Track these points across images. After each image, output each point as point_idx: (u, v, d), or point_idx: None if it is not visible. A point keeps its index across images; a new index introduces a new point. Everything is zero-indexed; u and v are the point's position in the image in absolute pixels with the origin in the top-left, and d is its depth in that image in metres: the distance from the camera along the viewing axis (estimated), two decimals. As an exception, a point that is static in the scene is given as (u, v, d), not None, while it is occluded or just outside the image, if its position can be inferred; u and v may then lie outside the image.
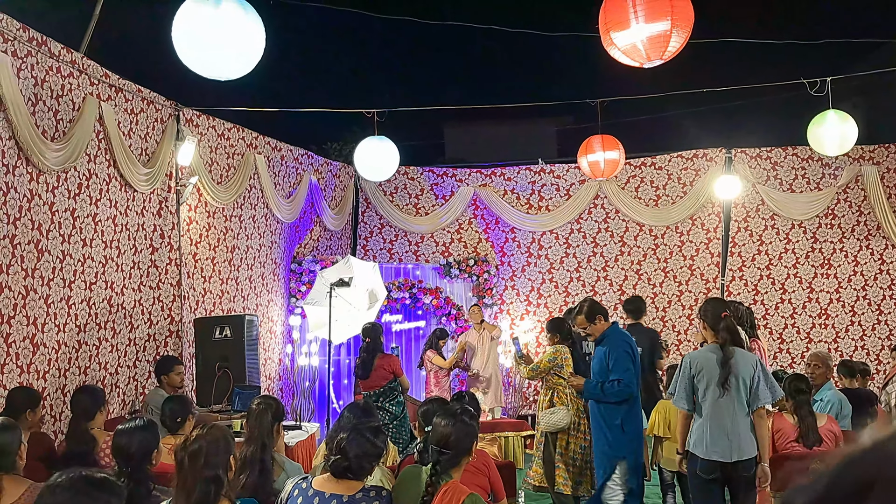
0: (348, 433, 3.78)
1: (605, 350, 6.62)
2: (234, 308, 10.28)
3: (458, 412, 4.20)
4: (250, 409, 4.97)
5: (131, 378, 8.23)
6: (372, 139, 10.72)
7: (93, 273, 7.65)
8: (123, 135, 8.11)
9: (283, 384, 11.51)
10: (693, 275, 13.30)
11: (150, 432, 4.57)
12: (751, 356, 5.46)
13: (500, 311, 13.32)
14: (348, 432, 3.78)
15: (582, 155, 11.16)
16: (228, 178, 10.17)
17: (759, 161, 13.12)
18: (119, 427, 4.56)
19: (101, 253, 7.77)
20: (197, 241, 9.53)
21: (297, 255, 12.20)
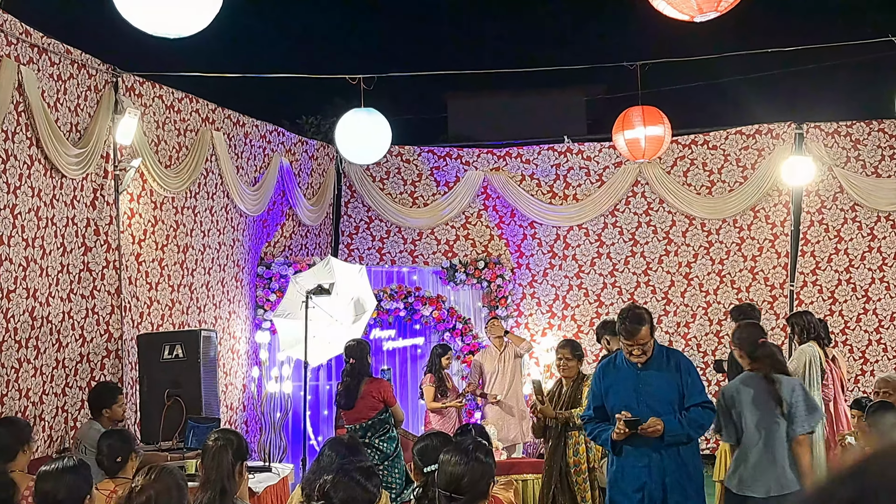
0: (334, 475, 3.77)
1: (671, 370, 6.16)
2: (188, 322, 10.26)
3: (471, 448, 4.20)
4: (206, 446, 4.94)
5: (59, 408, 8.19)
6: (357, 112, 10.68)
7: (10, 278, 7.62)
8: (48, 107, 8.07)
9: (249, 416, 11.47)
10: (755, 279, 13.26)
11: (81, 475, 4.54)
12: (793, 381, 6.43)
13: (516, 324, 13.30)
14: (334, 474, 3.77)
15: (618, 131, 11.13)
16: (179, 161, 10.15)
17: (837, 138, 13.08)
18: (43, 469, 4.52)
19: (20, 253, 7.74)
20: (141, 239, 9.50)
21: (266, 256, 12.18)
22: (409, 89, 20.15)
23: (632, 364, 6.21)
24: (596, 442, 6.64)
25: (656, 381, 6.18)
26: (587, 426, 6.53)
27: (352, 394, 8.88)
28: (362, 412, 8.88)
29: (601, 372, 6.45)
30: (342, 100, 13.47)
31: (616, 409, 6.18)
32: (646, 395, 6.16)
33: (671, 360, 6.25)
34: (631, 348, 6.15)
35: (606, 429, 6.25)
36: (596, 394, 6.42)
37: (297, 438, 11.18)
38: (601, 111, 22.18)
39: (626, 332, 6.13)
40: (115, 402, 7.60)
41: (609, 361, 6.45)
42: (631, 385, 6.22)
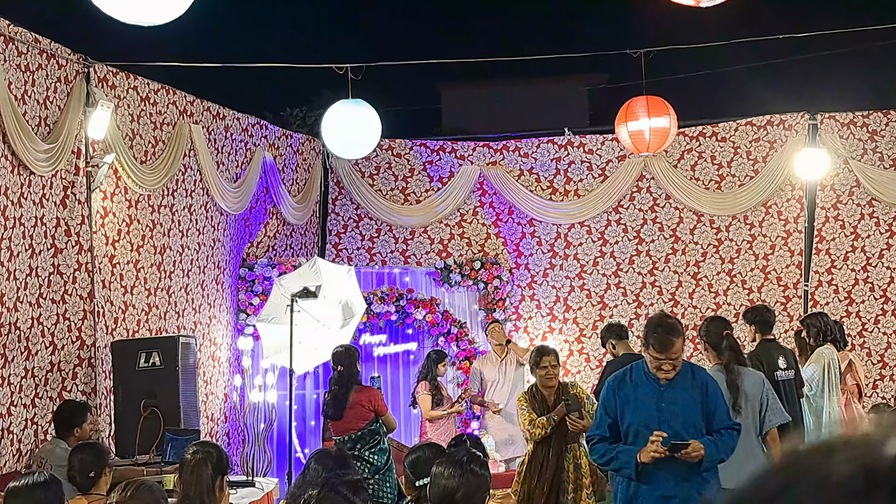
0: (319, 489, 3.77)
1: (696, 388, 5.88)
2: (165, 328, 10.23)
3: (465, 459, 4.23)
4: (184, 459, 4.93)
5: (29, 420, 8.16)
6: (345, 104, 10.67)
7: (-24, 282, 7.58)
8: (15, 99, 8.05)
9: (231, 427, 11.45)
10: (768, 279, 13.26)
11: (52, 491, 4.54)
12: (757, 375, 6.88)
13: (514, 328, 13.28)
14: (319, 488, 3.77)
15: (621, 123, 11.12)
16: (156, 156, 10.13)
17: (853, 129, 13.08)
18: (12, 485, 4.50)
19: (-13, 256, 7.70)
20: (115, 240, 9.48)
21: (248, 257, 12.16)
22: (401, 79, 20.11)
23: (653, 379, 5.84)
24: (606, 466, 6.19)
25: (681, 399, 5.84)
26: (597, 447, 6.04)
27: (340, 403, 8.86)
28: (351, 423, 8.86)
29: (615, 385, 5.99)
30: (329, 90, 13.46)
31: (634, 429, 5.84)
32: (669, 415, 5.80)
33: (696, 376, 5.94)
34: (661, 363, 5.74)
35: (626, 450, 5.82)
36: (609, 410, 5.97)
37: (282, 451, 11.15)
38: (603, 102, 22.17)
39: (659, 345, 5.72)
40: (85, 421, 7.62)
41: (624, 375, 6.03)
42: (652, 403, 5.86)
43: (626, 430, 5.88)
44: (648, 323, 5.91)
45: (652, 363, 5.80)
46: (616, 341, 10.03)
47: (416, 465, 4.96)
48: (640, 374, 5.92)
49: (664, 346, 5.71)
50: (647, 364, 5.86)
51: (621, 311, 13.26)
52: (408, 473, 5.03)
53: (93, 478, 5.88)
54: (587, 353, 13.36)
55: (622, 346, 9.99)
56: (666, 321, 5.88)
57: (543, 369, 7.72)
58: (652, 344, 5.74)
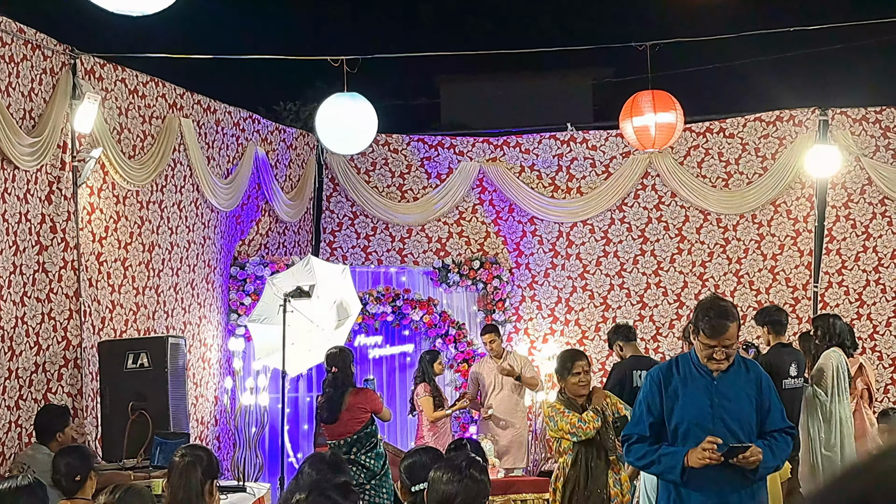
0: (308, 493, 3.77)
1: (750, 383, 5.50)
2: (154, 328, 10.24)
3: (464, 464, 4.24)
4: (172, 462, 4.95)
5: (13, 423, 8.16)
6: (340, 97, 10.67)
7: (-41, 280, 7.58)
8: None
9: (221, 430, 11.45)
10: (776, 280, 13.26)
11: (37, 495, 4.54)
12: None
13: (515, 330, 13.29)
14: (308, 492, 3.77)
15: (626, 118, 11.13)
16: (144, 151, 10.13)
17: (865, 125, 13.09)
18: (-6, 489, 4.50)
19: (-31, 253, 7.71)
20: (102, 237, 9.48)
21: (240, 255, 12.16)
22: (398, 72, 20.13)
23: (704, 371, 5.42)
24: (647, 469, 5.75)
25: (735, 395, 5.44)
26: (635, 447, 5.58)
27: (335, 406, 8.87)
28: (347, 426, 8.87)
29: (659, 379, 5.54)
30: (323, 84, 13.47)
31: (684, 428, 5.42)
32: (723, 412, 5.41)
33: (751, 370, 5.55)
34: (713, 351, 5.31)
35: (671, 452, 5.41)
36: (652, 406, 5.53)
37: (274, 455, 11.16)
38: (607, 96, 22.17)
39: (711, 330, 5.29)
40: (67, 426, 7.63)
41: (670, 367, 5.61)
42: (705, 398, 5.44)
43: (673, 429, 5.47)
44: (699, 306, 5.49)
45: (703, 351, 5.37)
46: (623, 343, 10.05)
47: (413, 470, 4.97)
48: (689, 366, 5.50)
49: (717, 331, 5.29)
50: (695, 354, 5.46)
51: (625, 313, 13.26)
52: (403, 478, 5.04)
53: (78, 482, 5.90)
54: (589, 355, 13.29)
55: (630, 349, 10.00)
56: (719, 304, 5.45)
57: (576, 375, 7.09)
58: (703, 329, 5.33)
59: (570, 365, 7.11)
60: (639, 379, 9.52)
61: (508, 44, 24.28)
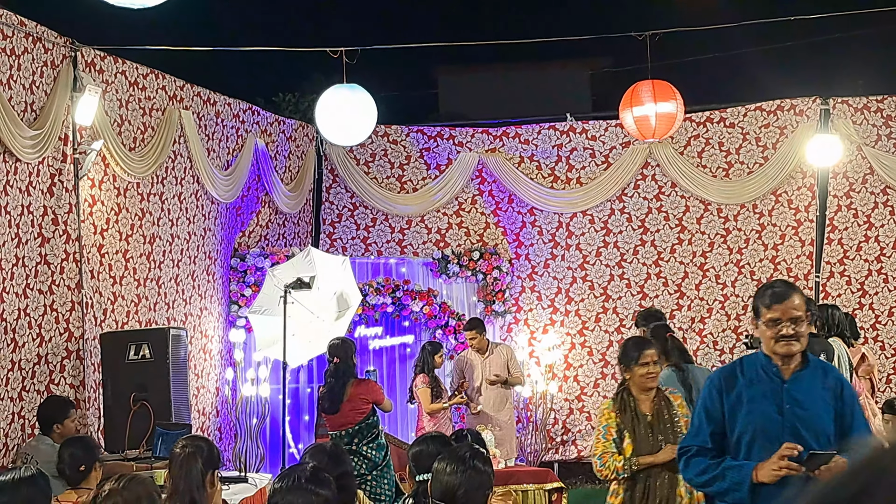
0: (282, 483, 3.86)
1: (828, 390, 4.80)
2: (155, 319, 10.28)
3: (468, 455, 4.25)
4: (173, 453, 4.97)
5: (16, 414, 8.22)
6: (339, 89, 10.70)
7: (-38, 272, 7.65)
8: (1, 84, 8.09)
9: (223, 422, 11.51)
10: (777, 270, 13.27)
11: (39, 486, 4.59)
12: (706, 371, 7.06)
13: (515, 320, 13.33)
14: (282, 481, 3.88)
15: (626, 108, 11.16)
16: (145, 143, 10.17)
17: (867, 114, 13.11)
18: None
19: (-28, 245, 7.77)
20: (103, 229, 9.53)
21: (240, 246, 12.20)
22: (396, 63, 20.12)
23: (773, 374, 4.74)
24: (709, 487, 4.92)
25: (810, 401, 4.74)
26: (694, 461, 4.89)
27: (336, 397, 8.93)
28: (348, 417, 8.93)
29: (720, 383, 4.88)
30: (322, 75, 13.45)
31: (748, 438, 4.75)
32: (794, 420, 4.71)
33: (829, 374, 4.88)
34: (780, 327, 4.63)
35: (737, 466, 4.72)
36: (712, 414, 4.85)
37: (275, 446, 11.21)
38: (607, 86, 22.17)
39: (774, 296, 4.69)
40: (67, 418, 7.68)
41: (732, 369, 4.96)
42: (772, 403, 4.76)
43: (736, 440, 4.79)
44: (759, 289, 4.89)
45: (769, 332, 4.70)
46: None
47: (420, 459, 4.97)
48: (755, 369, 4.83)
49: (780, 297, 4.67)
50: (762, 355, 4.82)
51: (625, 303, 13.31)
52: (411, 467, 5.07)
53: (83, 472, 5.96)
54: (590, 346, 13.41)
55: None
56: (780, 280, 5.13)
57: (643, 366, 6.18)
58: (765, 300, 4.71)
59: (636, 354, 6.21)
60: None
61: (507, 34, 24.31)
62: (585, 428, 13.25)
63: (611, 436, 6.14)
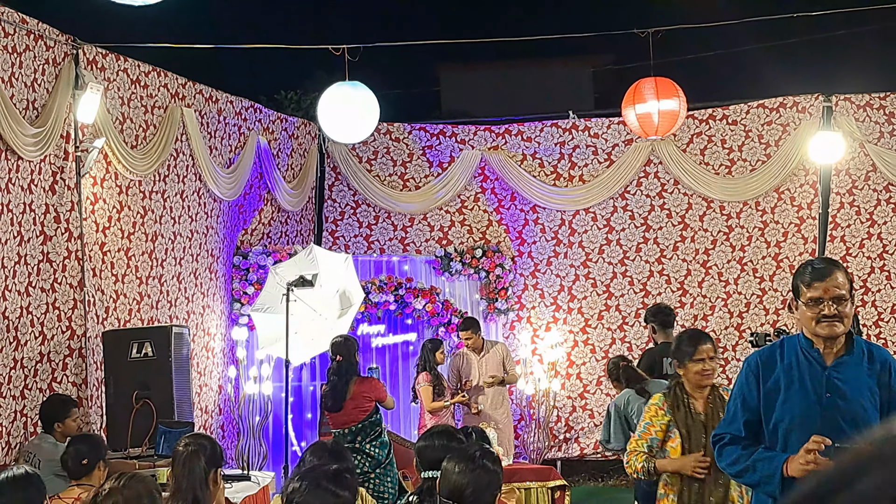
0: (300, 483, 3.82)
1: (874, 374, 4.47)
2: (158, 317, 10.28)
3: (477, 455, 4.26)
4: (176, 451, 4.98)
5: (18, 413, 8.22)
6: (342, 86, 10.70)
7: (-36, 270, 7.64)
8: (2, 82, 8.08)
9: (226, 419, 11.51)
10: (780, 267, 13.29)
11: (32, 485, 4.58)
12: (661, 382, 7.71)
13: (517, 318, 13.33)
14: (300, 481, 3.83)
15: (628, 105, 11.16)
16: (147, 141, 10.16)
17: (869, 111, 13.11)
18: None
19: (-26, 243, 7.77)
20: (105, 227, 9.52)
21: (242, 244, 12.20)
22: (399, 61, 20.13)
23: (814, 358, 4.40)
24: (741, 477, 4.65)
25: (853, 389, 4.40)
26: (727, 450, 4.60)
27: (339, 395, 8.93)
28: (351, 415, 8.93)
29: (757, 367, 4.56)
30: (325, 73, 13.50)
31: (784, 428, 4.46)
32: (835, 411, 4.39)
33: (875, 356, 4.49)
34: (821, 306, 4.29)
35: (768, 457, 4.42)
36: (748, 401, 4.57)
37: (277, 444, 11.21)
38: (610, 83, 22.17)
39: (815, 273, 4.34)
40: (69, 416, 7.69)
41: (771, 351, 4.59)
42: (812, 391, 4.44)
43: (772, 429, 4.51)
44: (799, 267, 4.57)
45: (809, 312, 4.35)
46: (658, 328, 9.91)
47: (426, 454, 4.98)
48: (795, 351, 4.48)
49: (822, 274, 4.32)
50: (803, 337, 4.48)
51: (628, 301, 13.30)
52: (417, 463, 5.06)
53: (86, 465, 5.96)
54: (592, 343, 13.41)
55: (662, 335, 9.84)
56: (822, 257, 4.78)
57: (699, 362, 5.84)
58: (806, 281, 4.35)
59: (691, 349, 5.84)
60: (669, 367, 9.54)
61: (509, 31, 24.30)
62: (588, 425, 13.26)
63: (648, 434, 5.86)
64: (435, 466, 4.71)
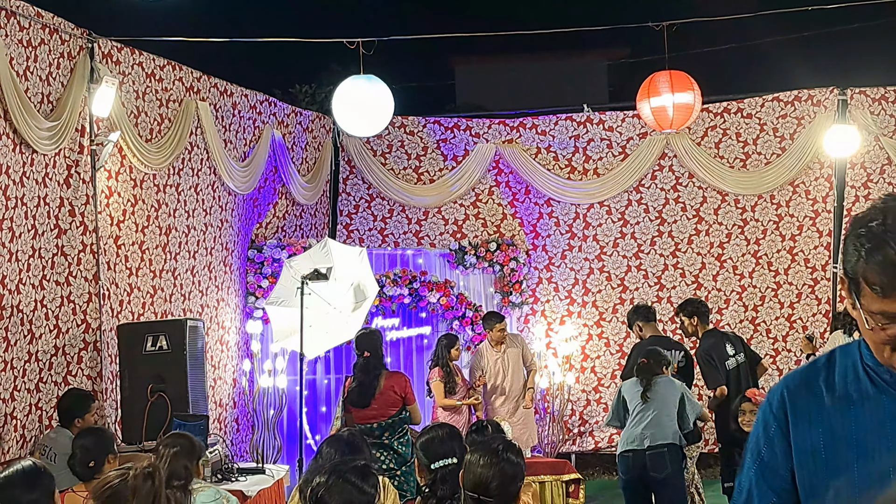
0: (327, 477, 3.79)
1: None
2: (172, 311, 10.28)
3: (501, 448, 4.26)
4: (157, 451, 5.05)
5: (33, 406, 8.21)
6: (356, 80, 10.67)
7: (-21, 264, 7.64)
8: (17, 75, 8.07)
9: (240, 413, 11.51)
10: (795, 261, 13.24)
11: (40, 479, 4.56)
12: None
13: (532, 312, 13.29)
14: (327, 476, 3.80)
15: (643, 98, 11.11)
16: (161, 134, 10.16)
17: (885, 105, 13.04)
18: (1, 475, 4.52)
19: (-11, 236, 7.76)
20: (120, 220, 9.52)
21: (257, 238, 12.19)
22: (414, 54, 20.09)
23: (887, 380, 2.49)
24: None
25: None
26: None
27: (368, 391, 8.80)
28: (381, 410, 8.79)
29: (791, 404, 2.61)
30: (339, 66, 13.47)
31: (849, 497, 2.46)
32: None
33: None
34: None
35: None
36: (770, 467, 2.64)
37: (292, 437, 11.21)
38: (624, 77, 22.15)
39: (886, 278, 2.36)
40: (88, 411, 7.69)
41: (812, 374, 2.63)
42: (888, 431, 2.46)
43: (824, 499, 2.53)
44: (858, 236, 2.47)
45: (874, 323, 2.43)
46: (643, 323, 10.06)
47: (430, 447, 4.94)
48: (854, 373, 2.57)
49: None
50: (865, 346, 2.56)
51: (642, 294, 13.25)
52: (421, 455, 5.00)
53: (92, 468, 5.89)
54: (607, 337, 13.37)
55: (649, 329, 10.00)
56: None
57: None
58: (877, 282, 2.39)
59: None
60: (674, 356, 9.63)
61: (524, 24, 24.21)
62: (602, 419, 13.22)
63: None
64: (442, 457, 4.71)
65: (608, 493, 12.06)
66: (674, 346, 9.87)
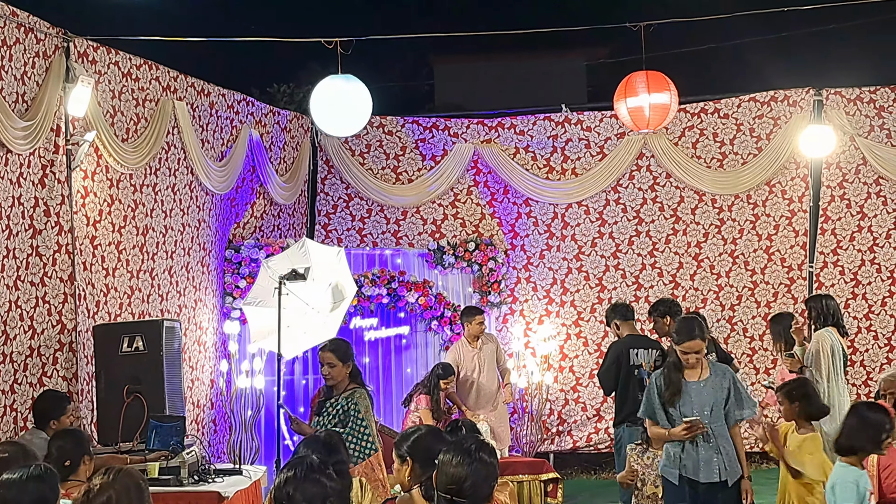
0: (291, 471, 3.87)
1: None
2: (149, 311, 10.23)
3: (474, 448, 4.27)
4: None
5: (7, 407, 8.15)
6: (334, 79, 10.65)
7: (-48, 265, 7.57)
8: (-8, 75, 8.02)
9: (217, 414, 11.46)
10: (771, 260, 13.28)
11: (47, 483, 4.57)
12: None
13: (510, 311, 13.29)
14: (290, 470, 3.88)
15: (620, 99, 11.13)
16: (138, 134, 10.11)
17: (860, 105, 13.09)
18: (6, 477, 4.52)
19: (-37, 237, 7.69)
20: (96, 221, 9.46)
21: (234, 238, 12.15)
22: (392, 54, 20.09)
23: None
24: None
25: None
26: None
27: None
28: None
29: None
30: (317, 66, 13.40)
31: None
32: None
33: None
34: None
35: None
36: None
37: (269, 438, 11.17)
38: (602, 77, 22.16)
39: None
40: (63, 413, 7.62)
41: None
42: None
43: None
44: None
45: None
46: (620, 322, 10.05)
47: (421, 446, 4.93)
48: None
49: None
50: None
51: (620, 294, 13.26)
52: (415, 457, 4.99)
53: (68, 467, 5.90)
54: (585, 336, 13.38)
55: (626, 327, 10.01)
56: None
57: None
58: None
59: None
60: (636, 357, 9.61)
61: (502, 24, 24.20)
62: (581, 418, 13.24)
63: None
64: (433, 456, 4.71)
65: (586, 493, 12.08)
66: (651, 345, 9.86)
